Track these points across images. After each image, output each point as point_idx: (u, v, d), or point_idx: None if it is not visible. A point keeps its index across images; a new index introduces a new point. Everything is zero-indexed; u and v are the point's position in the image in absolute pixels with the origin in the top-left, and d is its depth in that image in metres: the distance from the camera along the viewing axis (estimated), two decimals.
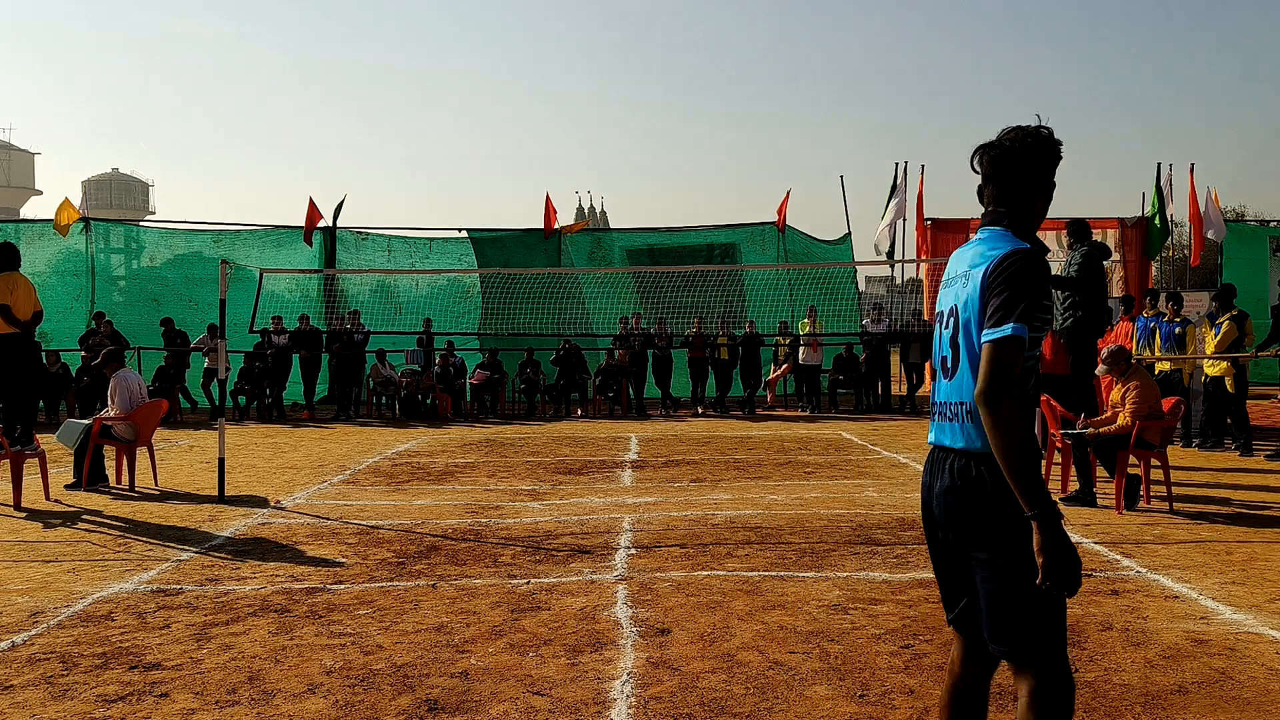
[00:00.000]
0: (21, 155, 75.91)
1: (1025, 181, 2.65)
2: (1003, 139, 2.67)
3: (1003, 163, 2.67)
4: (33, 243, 18.47)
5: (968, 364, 2.58)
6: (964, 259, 2.67)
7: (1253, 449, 11.47)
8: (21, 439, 8.61)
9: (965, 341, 2.59)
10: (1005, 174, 2.67)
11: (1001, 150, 2.67)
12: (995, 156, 2.67)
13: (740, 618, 4.99)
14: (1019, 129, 2.66)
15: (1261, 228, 21.03)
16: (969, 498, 2.57)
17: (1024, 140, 2.64)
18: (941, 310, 2.73)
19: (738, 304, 19.10)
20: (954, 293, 2.66)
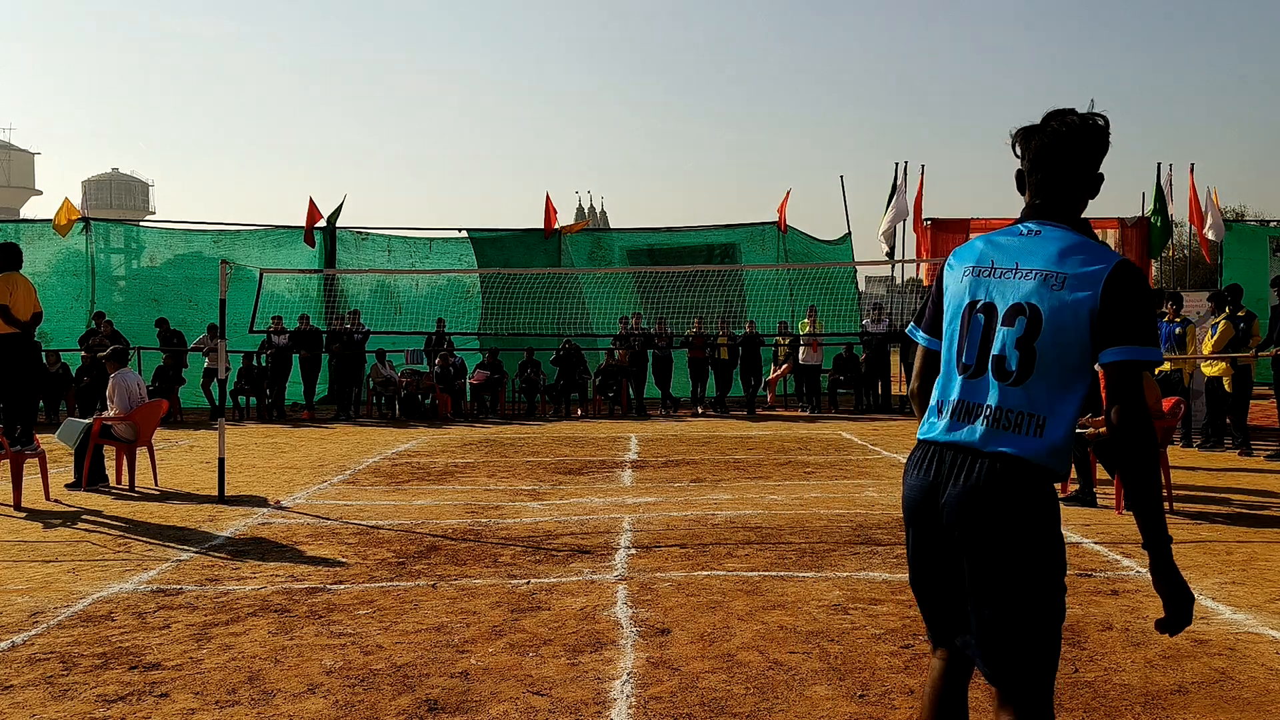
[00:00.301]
0: (21, 155, 75.92)
1: (1083, 174, 2.46)
2: (1066, 122, 2.44)
3: (1065, 150, 2.45)
4: (33, 243, 18.46)
5: (1050, 371, 2.34)
6: (1041, 253, 2.40)
7: (1252, 449, 11.47)
8: (21, 439, 8.61)
9: (1043, 350, 2.34)
10: (1065, 163, 2.46)
11: (1063, 136, 2.44)
12: (1054, 143, 2.45)
13: (740, 618, 4.99)
14: (1079, 114, 2.45)
15: (1261, 228, 21.03)
16: (1011, 506, 2.33)
17: (1088, 128, 2.43)
18: (987, 302, 2.43)
19: (738, 304, 19.10)
20: (1023, 288, 2.38)
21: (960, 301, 2.49)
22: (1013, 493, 2.33)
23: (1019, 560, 2.33)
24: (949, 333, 2.50)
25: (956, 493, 2.38)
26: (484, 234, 19.80)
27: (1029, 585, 2.33)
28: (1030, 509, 2.33)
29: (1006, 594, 2.34)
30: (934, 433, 2.48)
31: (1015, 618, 2.34)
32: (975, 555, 2.36)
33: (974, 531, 2.36)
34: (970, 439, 2.39)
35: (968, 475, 2.38)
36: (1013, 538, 2.33)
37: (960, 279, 2.50)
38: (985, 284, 2.45)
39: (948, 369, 2.50)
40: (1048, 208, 2.48)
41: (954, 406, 2.45)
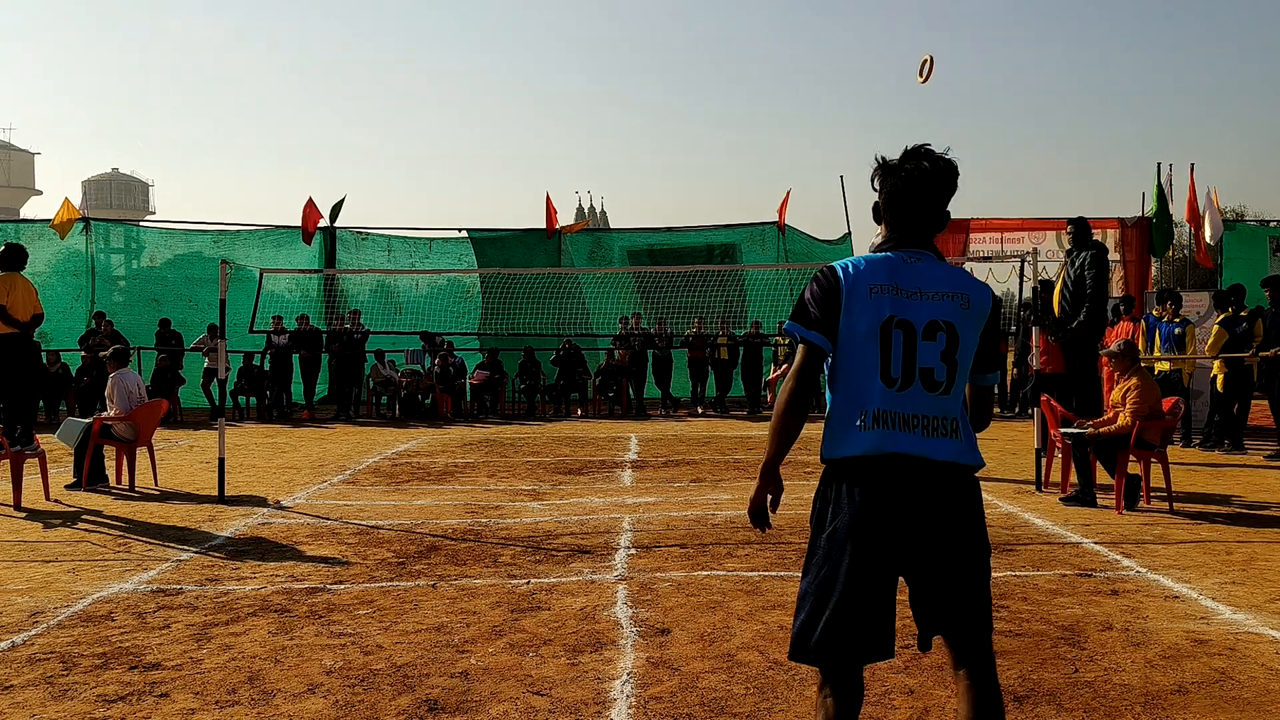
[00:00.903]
0: (22, 155, 75.95)
1: (940, 210, 2.70)
2: (924, 165, 2.64)
3: (941, 186, 2.67)
4: (33, 243, 18.44)
5: (962, 381, 2.66)
6: (937, 279, 2.63)
7: (1242, 448, 11.50)
8: (21, 439, 8.61)
9: (962, 362, 2.63)
10: (940, 198, 2.68)
11: (942, 173, 2.65)
12: (934, 177, 2.64)
13: (740, 618, 4.99)
14: (936, 155, 2.66)
15: (1261, 228, 21.01)
16: (971, 506, 2.63)
17: (947, 168, 2.66)
18: (902, 318, 2.58)
19: (738, 304, 19.10)
20: (938, 309, 2.60)
21: (876, 317, 2.57)
22: (968, 490, 2.64)
23: (983, 544, 2.65)
24: (865, 346, 2.57)
25: (928, 506, 2.55)
26: (484, 234, 19.80)
27: (988, 561, 2.68)
28: (978, 500, 2.68)
29: (980, 573, 2.64)
30: (868, 446, 2.55)
31: (985, 588, 2.66)
32: (949, 550, 2.58)
33: (947, 531, 2.57)
34: (918, 450, 2.55)
35: (930, 484, 2.56)
36: (977, 528, 2.64)
37: (868, 296, 2.57)
38: (896, 302, 2.58)
39: (865, 380, 2.58)
40: (914, 238, 2.68)
41: (880, 417, 2.56)
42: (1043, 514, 7.74)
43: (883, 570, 2.56)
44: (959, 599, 2.60)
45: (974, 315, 2.63)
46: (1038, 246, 13.08)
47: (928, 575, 2.60)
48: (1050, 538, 6.90)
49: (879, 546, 2.55)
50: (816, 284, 2.65)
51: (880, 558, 2.55)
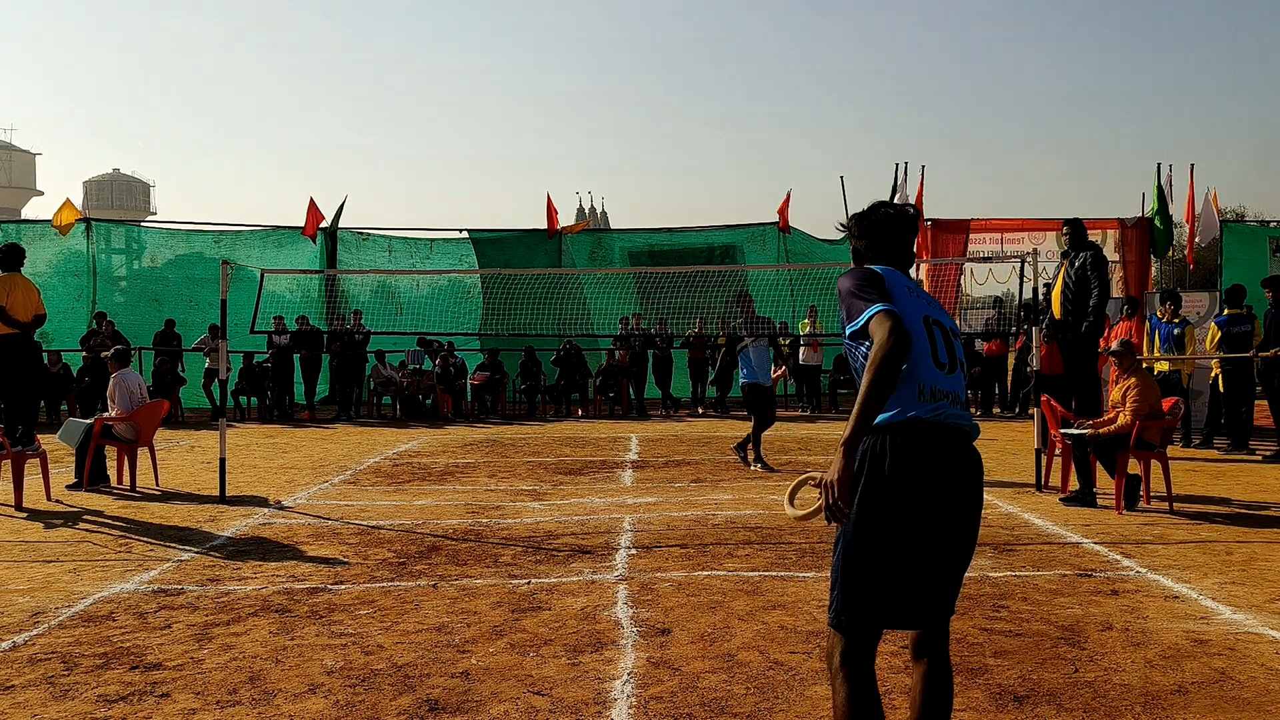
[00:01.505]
0: (23, 156, 75.96)
1: (911, 244, 3.15)
2: (896, 210, 3.12)
3: (911, 226, 3.13)
4: (34, 243, 18.46)
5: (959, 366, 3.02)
6: (915, 288, 3.00)
7: (1246, 447, 11.50)
8: (23, 439, 8.62)
9: (959, 349, 3.00)
10: (912, 236, 3.12)
11: (910, 216, 3.12)
12: (905, 219, 3.09)
13: (740, 618, 4.99)
14: (899, 206, 3.16)
15: (1261, 228, 21.00)
16: (980, 475, 2.93)
17: (912, 214, 3.14)
18: (924, 316, 2.92)
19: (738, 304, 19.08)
20: (929, 307, 2.97)
21: (918, 313, 2.90)
22: (979, 463, 2.94)
23: (979, 514, 2.94)
24: (918, 334, 2.85)
25: (964, 472, 2.85)
26: (485, 234, 19.81)
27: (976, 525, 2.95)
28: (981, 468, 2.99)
29: (972, 543, 2.93)
30: (931, 413, 2.81)
31: (965, 568, 2.96)
32: (970, 516, 2.87)
33: (973, 504, 2.88)
34: (963, 421, 2.88)
35: (965, 455, 2.87)
36: (979, 499, 2.94)
37: (907, 293, 2.91)
38: (925, 303, 2.95)
39: (920, 361, 2.83)
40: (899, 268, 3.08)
41: (936, 393, 2.84)
42: (1043, 514, 7.74)
43: (926, 527, 2.78)
44: (951, 577, 2.88)
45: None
46: (1038, 247, 13.08)
47: (941, 542, 2.81)
48: (1050, 538, 6.91)
49: (927, 499, 2.77)
50: (859, 276, 2.90)
51: (926, 512, 2.77)
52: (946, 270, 19.03)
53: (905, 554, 2.77)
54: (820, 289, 19.08)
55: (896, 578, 2.78)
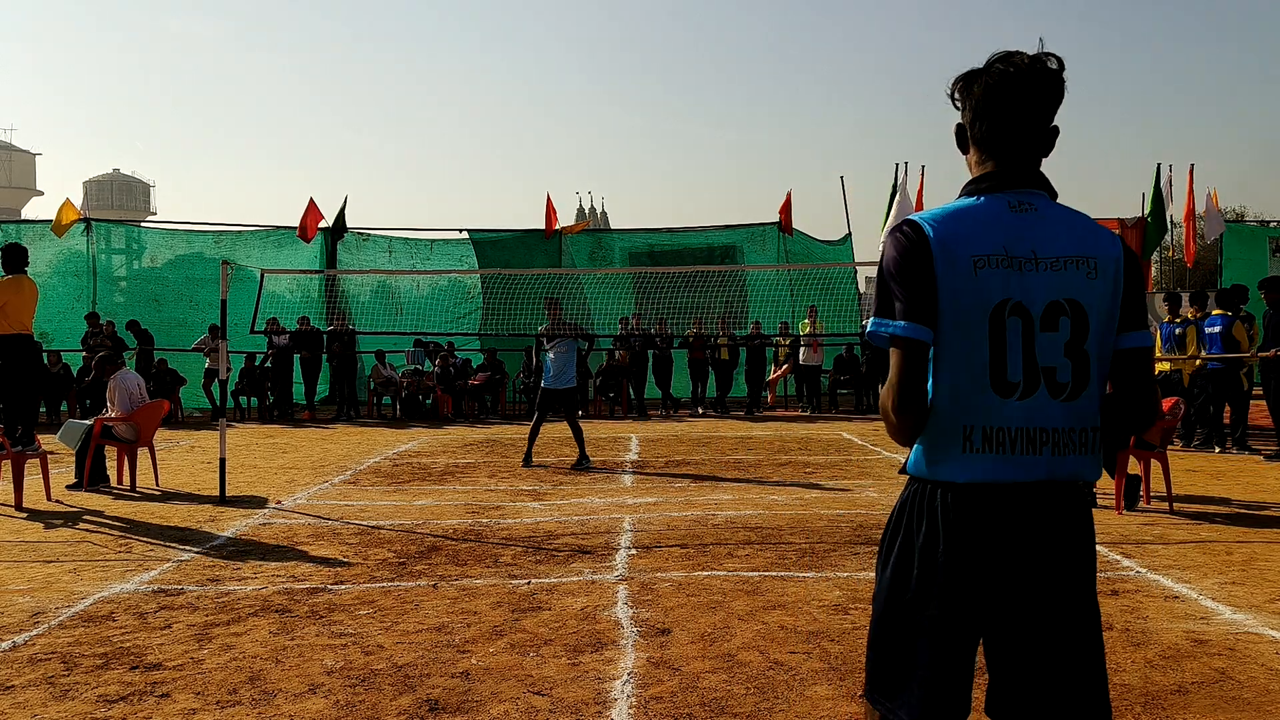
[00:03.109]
0: (23, 156, 75.97)
1: (1045, 125, 2.06)
2: (1016, 63, 2.00)
3: (1049, 88, 2.01)
4: (34, 243, 18.47)
5: (1098, 378, 2.02)
6: (1055, 235, 2.00)
7: (1246, 446, 11.51)
8: (23, 439, 8.62)
9: (1095, 353, 2.00)
10: (1049, 107, 2.03)
11: (1048, 73, 2.00)
12: (1038, 77, 2.00)
13: (740, 618, 4.99)
14: (1031, 55, 2.02)
15: (1261, 228, 21.03)
16: (1081, 536, 2.04)
17: (1045, 69, 2.01)
18: (1016, 301, 1.97)
19: (738, 305, 19.12)
20: (1060, 283, 1.98)
21: (984, 301, 1.96)
22: (1085, 520, 2.06)
23: (1092, 588, 2.05)
24: (968, 340, 1.97)
25: (1036, 541, 1.98)
26: (484, 235, 19.82)
27: (1097, 613, 2.07)
28: (1091, 531, 2.08)
29: (1090, 635, 2.03)
30: (978, 473, 1.98)
31: (1098, 658, 2.04)
32: (1055, 604, 1.99)
33: (1056, 572, 1.99)
34: (1041, 474, 1.99)
35: (1047, 516, 1.99)
36: (1089, 566, 2.05)
37: (972, 271, 1.96)
38: (1009, 278, 1.97)
39: (973, 385, 1.98)
40: (1020, 172, 2.05)
41: (998, 435, 1.98)
42: None
43: (973, 624, 2.03)
44: (1065, 666, 2.00)
45: (1104, 285, 2.01)
46: None
47: (1025, 632, 2.01)
48: None
49: (976, 592, 2.00)
50: (897, 251, 2.01)
51: (974, 607, 2.01)
52: None
53: (941, 657, 2.02)
54: (820, 289, 19.10)
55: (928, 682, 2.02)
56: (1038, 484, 1.98)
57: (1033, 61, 2.01)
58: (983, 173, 2.08)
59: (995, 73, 2.02)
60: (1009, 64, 2.01)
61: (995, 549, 1.98)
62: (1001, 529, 1.98)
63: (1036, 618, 1.99)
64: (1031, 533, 1.98)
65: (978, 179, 2.08)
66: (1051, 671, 1.99)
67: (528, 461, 10.78)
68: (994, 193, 2.04)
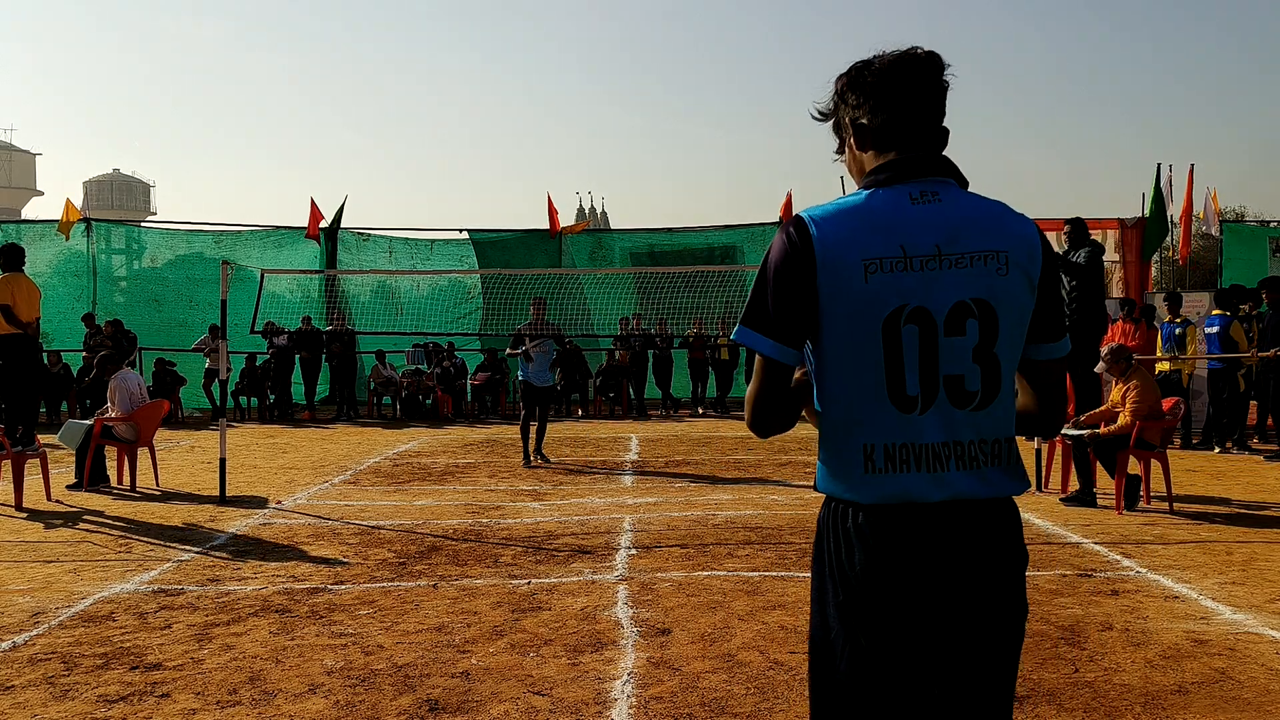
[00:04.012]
0: (23, 156, 76.00)
1: (941, 115, 1.91)
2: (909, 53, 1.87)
3: (937, 79, 1.88)
4: (34, 243, 18.46)
5: (1010, 381, 1.87)
6: (963, 227, 1.82)
7: (1246, 446, 11.51)
8: (23, 439, 8.63)
9: (1005, 357, 1.84)
10: (940, 96, 1.89)
11: (933, 62, 1.87)
12: (925, 65, 1.86)
13: (741, 618, 4.99)
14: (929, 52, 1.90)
15: (1261, 228, 21.01)
16: (1011, 556, 1.86)
17: (934, 58, 1.89)
18: (916, 306, 1.79)
19: (739, 305, 19.07)
20: (966, 281, 1.80)
21: (877, 310, 1.78)
22: (1013, 540, 1.87)
23: (1018, 615, 1.88)
24: (862, 352, 1.80)
25: (964, 561, 1.81)
26: (485, 235, 19.82)
27: (1019, 641, 1.89)
28: (1020, 552, 1.89)
29: (1007, 657, 1.87)
30: (879, 494, 1.81)
31: (1009, 678, 1.89)
32: (979, 625, 1.83)
33: (982, 599, 1.82)
34: (951, 492, 1.81)
35: (972, 534, 1.81)
36: (1016, 590, 1.87)
37: (863, 276, 1.77)
38: (906, 280, 1.79)
39: (871, 399, 1.82)
40: (925, 159, 1.86)
41: (894, 453, 1.81)
42: (1043, 514, 7.74)
43: (906, 650, 1.83)
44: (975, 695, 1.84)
45: (1017, 281, 1.83)
46: None
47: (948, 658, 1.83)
48: (1050, 538, 6.91)
49: (899, 621, 1.82)
50: (779, 255, 1.82)
51: (902, 636, 1.82)
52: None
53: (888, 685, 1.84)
54: None
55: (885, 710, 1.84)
56: (949, 503, 1.80)
57: (927, 53, 1.88)
58: (878, 165, 1.89)
59: (892, 62, 1.87)
60: (903, 55, 1.87)
61: (912, 572, 1.80)
62: (916, 551, 1.80)
63: (951, 646, 1.82)
64: (947, 555, 1.80)
65: (876, 169, 1.88)
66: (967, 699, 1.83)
67: (528, 461, 10.81)
68: (894, 184, 1.85)
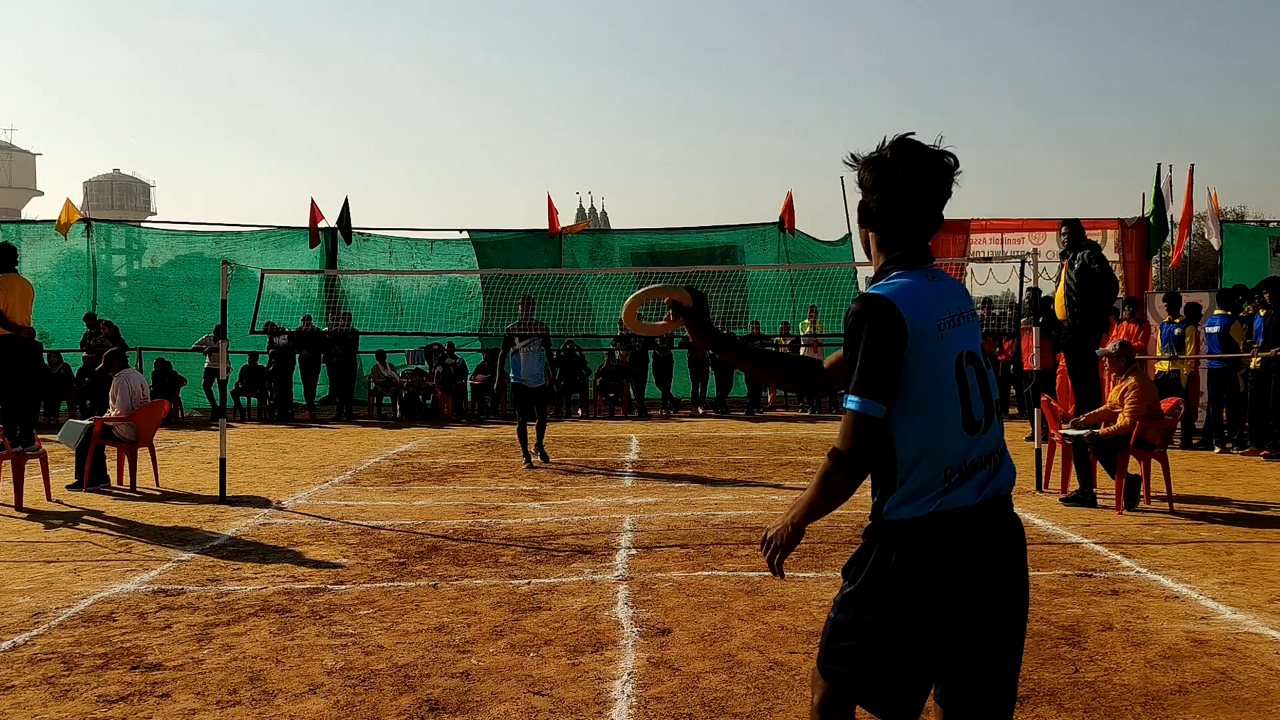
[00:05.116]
0: (23, 156, 75.93)
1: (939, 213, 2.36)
2: (941, 154, 2.27)
3: (945, 187, 2.31)
4: (34, 243, 18.47)
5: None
6: (957, 296, 2.34)
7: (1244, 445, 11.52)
8: (23, 439, 8.63)
9: (993, 382, 2.34)
10: (943, 200, 2.33)
11: (947, 171, 2.29)
12: (938, 177, 2.28)
13: (741, 618, 4.99)
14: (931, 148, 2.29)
15: (1261, 228, 21.02)
16: (1022, 545, 2.33)
17: (953, 164, 2.32)
18: (967, 350, 2.27)
19: (739, 305, 19.12)
20: (971, 334, 2.31)
21: (949, 357, 2.23)
22: (1022, 535, 2.34)
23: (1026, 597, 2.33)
24: (941, 391, 2.21)
25: (1009, 559, 2.26)
26: (485, 235, 19.83)
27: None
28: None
29: (1019, 639, 2.28)
30: (959, 498, 2.21)
31: (1018, 658, 2.31)
32: (1009, 607, 2.25)
33: (1018, 595, 2.27)
34: (995, 489, 2.26)
35: (1010, 535, 2.28)
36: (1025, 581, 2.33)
37: (939, 334, 2.22)
38: (957, 334, 2.26)
39: (946, 430, 2.21)
40: (921, 248, 2.34)
41: (966, 469, 2.23)
42: (1043, 514, 7.74)
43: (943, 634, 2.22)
44: (995, 674, 2.25)
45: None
46: (1038, 247, 13.09)
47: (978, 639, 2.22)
48: (1050, 538, 6.91)
49: (955, 610, 2.21)
50: (878, 332, 2.18)
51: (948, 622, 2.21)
52: (948, 270, 19.02)
53: (918, 653, 2.23)
54: (821, 289, 19.11)
55: (903, 673, 2.24)
56: (996, 501, 2.27)
57: (939, 157, 2.26)
58: (891, 255, 2.32)
59: (908, 167, 2.24)
60: (917, 162, 2.24)
61: (968, 558, 2.22)
62: (986, 547, 2.24)
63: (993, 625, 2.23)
64: (1002, 550, 2.26)
65: (891, 259, 2.32)
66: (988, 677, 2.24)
67: (529, 462, 10.83)
68: (913, 270, 2.29)
